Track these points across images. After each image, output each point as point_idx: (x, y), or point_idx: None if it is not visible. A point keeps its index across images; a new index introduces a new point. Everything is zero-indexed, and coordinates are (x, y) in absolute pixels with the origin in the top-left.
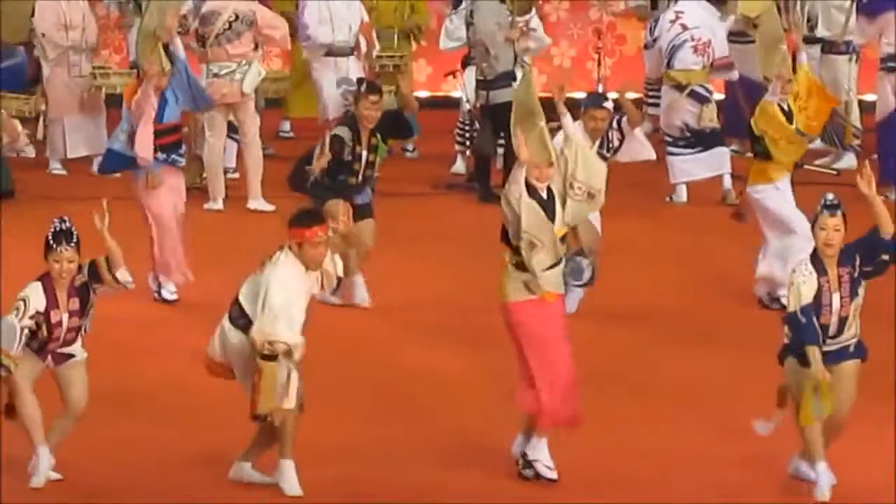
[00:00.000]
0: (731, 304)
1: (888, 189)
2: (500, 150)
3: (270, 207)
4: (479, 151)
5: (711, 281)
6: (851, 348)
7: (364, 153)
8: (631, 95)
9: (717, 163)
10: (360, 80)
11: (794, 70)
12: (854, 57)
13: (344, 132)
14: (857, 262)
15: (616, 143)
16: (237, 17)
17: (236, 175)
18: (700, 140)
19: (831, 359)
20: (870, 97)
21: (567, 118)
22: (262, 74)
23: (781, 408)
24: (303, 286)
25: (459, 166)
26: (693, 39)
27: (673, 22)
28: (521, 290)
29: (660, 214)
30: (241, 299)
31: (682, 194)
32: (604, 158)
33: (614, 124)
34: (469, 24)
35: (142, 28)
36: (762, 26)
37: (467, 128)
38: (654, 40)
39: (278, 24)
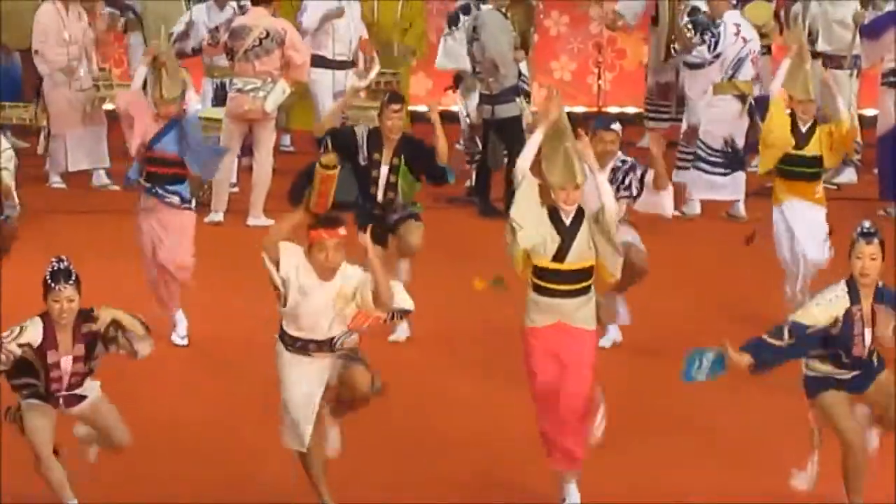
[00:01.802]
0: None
1: (888, 204)
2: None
3: (270, 223)
4: (485, 165)
5: (732, 304)
6: (875, 364)
7: (385, 169)
8: (631, 110)
9: (736, 188)
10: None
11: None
12: (855, 72)
13: (360, 129)
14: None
15: (635, 191)
16: (268, 35)
17: (236, 189)
18: (730, 162)
19: (857, 384)
20: (869, 112)
21: (603, 180)
22: (286, 93)
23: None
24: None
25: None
26: (752, 52)
27: (736, 35)
28: (534, 317)
29: (673, 230)
30: None
31: (695, 207)
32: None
33: (637, 173)
34: (474, 40)
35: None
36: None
37: (471, 144)
38: (717, 56)
39: (303, 49)
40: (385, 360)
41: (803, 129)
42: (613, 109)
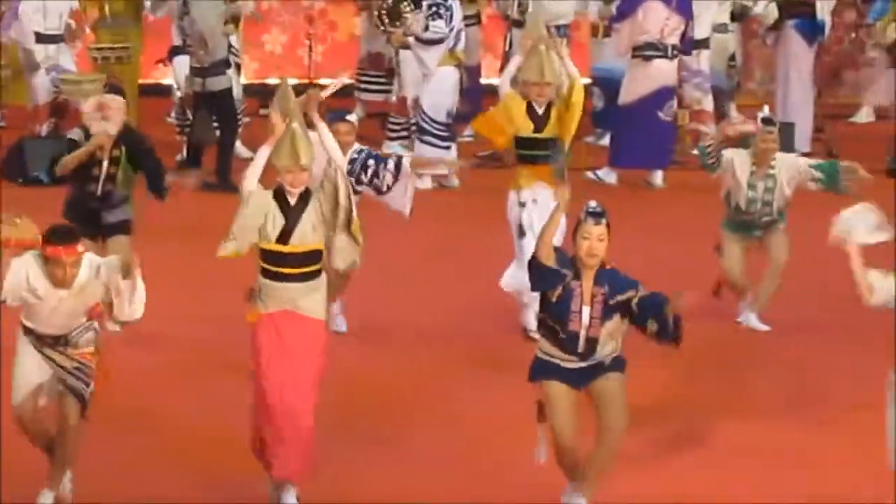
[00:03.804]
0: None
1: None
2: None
3: None
4: (196, 139)
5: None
6: (607, 362)
7: (105, 162)
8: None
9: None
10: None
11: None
12: (565, 41)
13: (76, 134)
14: (616, 299)
15: (388, 185)
16: None
17: None
18: (451, 134)
19: (586, 377)
20: None
21: (326, 135)
22: None
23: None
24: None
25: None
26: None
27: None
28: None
29: None
30: None
31: (426, 182)
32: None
33: (391, 165)
34: (184, 14)
35: None
36: (525, 32)
37: (182, 116)
38: (451, 30)
39: None
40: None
41: (539, 112)
42: (325, 81)
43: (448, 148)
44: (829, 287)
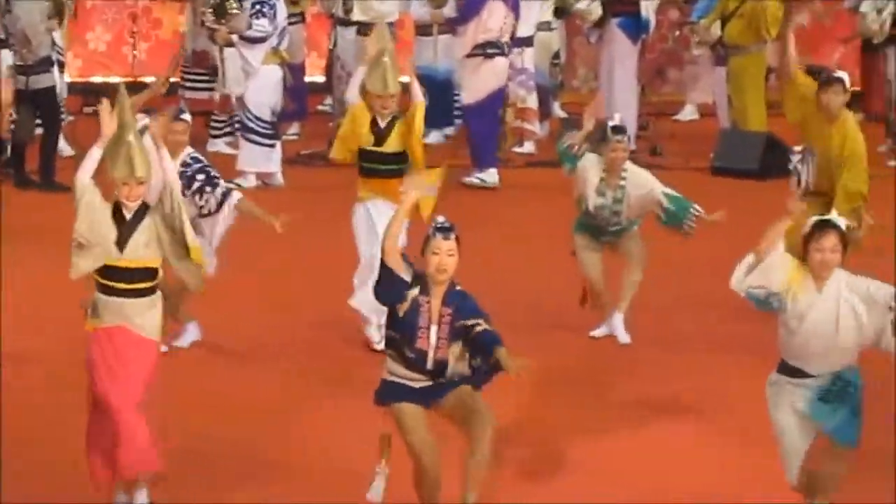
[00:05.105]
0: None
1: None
2: None
3: None
4: (17, 136)
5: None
6: (456, 378)
7: None
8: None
9: (277, 158)
10: None
11: None
12: None
13: None
14: (461, 322)
15: (210, 210)
16: None
17: None
18: (275, 132)
19: (436, 395)
20: None
21: (165, 154)
22: None
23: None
24: None
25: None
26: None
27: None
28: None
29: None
30: None
31: (252, 180)
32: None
33: (218, 192)
34: (7, 12)
35: None
36: (370, 42)
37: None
38: (275, 28)
39: None
40: None
41: (382, 125)
42: (149, 79)
43: (272, 146)
44: (692, 297)
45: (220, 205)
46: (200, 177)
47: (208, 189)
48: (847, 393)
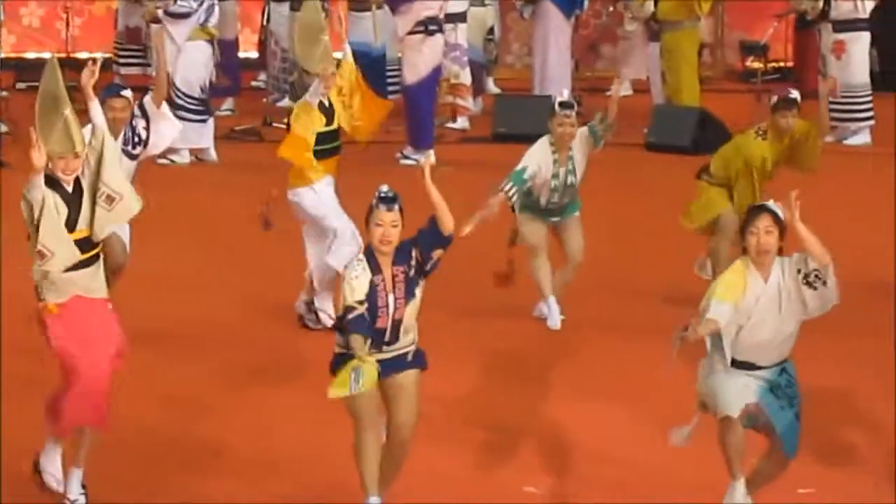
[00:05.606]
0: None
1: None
2: None
3: None
4: None
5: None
6: (409, 357)
7: None
8: (100, 55)
9: (209, 134)
10: None
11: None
12: None
13: None
14: (414, 261)
15: (143, 133)
16: None
17: None
18: (205, 108)
19: (388, 369)
20: None
21: (95, 105)
22: None
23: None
24: None
25: None
26: None
27: None
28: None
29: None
30: None
31: (186, 156)
32: (131, 157)
33: (137, 110)
34: None
35: None
36: (302, 15)
37: None
38: (201, 4)
39: None
40: None
41: (327, 104)
42: (83, 55)
43: (204, 121)
44: (622, 283)
45: (145, 116)
46: (127, 130)
47: (130, 124)
48: (791, 388)
